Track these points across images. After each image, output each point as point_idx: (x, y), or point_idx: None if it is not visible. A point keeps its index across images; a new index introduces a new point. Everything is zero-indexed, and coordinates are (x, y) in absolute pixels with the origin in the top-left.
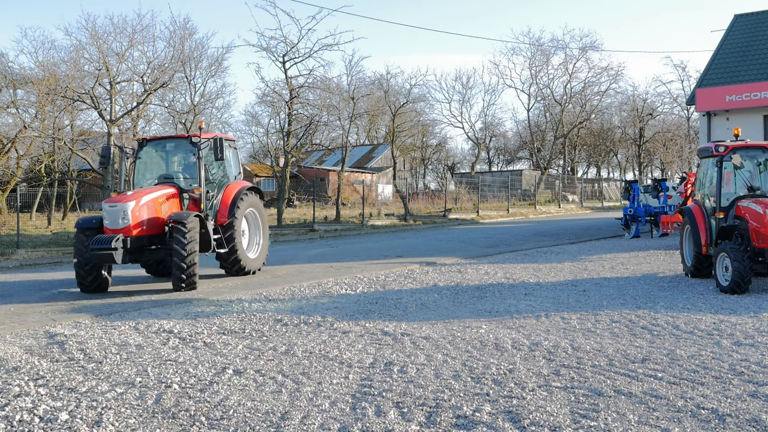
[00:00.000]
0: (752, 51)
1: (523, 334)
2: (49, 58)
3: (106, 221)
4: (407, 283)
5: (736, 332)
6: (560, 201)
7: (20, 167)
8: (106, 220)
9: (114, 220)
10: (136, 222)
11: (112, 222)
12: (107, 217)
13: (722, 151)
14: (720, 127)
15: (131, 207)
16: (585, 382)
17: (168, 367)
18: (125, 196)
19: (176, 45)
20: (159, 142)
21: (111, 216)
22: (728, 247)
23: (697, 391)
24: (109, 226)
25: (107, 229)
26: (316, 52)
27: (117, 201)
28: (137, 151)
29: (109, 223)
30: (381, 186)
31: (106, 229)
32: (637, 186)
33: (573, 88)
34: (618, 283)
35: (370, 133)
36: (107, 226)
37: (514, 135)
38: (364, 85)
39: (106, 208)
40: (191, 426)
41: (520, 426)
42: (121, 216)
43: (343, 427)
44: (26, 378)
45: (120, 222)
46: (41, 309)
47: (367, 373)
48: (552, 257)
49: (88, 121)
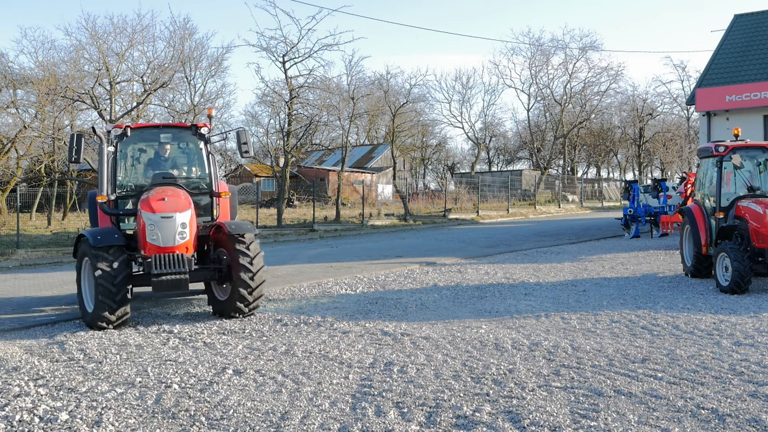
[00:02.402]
0: (752, 51)
1: (523, 334)
2: (49, 58)
3: (152, 236)
4: (407, 283)
5: (736, 332)
6: (560, 201)
7: (20, 167)
8: (151, 235)
9: (168, 234)
10: (192, 237)
11: (166, 237)
12: (158, 230)
13: (722, 151)
14: (720, 127)
15: (189, 217)
16: (585, 382)
17: (168, 367)
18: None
19: (176, 45)
20: (149, 131)
21: (165, 230)
22: (728, 247)
23: (697, 391)
24: (156, 243)
25: (154, 246)
26: (316, 52)
27: (171, 210)
28: (118, 142)
29: (160, 238)
30: (381, 186)
31: (152, 247)
32: (637, 186)
33: (573, 88)
34: (618, 283)
35: (370, 133)
36: (153, 242)
37: (514, 135)
38: (364, 85)
39: (156, 219)
40: (191, 426)
41: (520, 426)
42: (179, 230)
43: (343, 427)
44: (26, 378)
45: (177, 238)
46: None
47: (367, 373)
48: (552, 257)
49: (88, 121)
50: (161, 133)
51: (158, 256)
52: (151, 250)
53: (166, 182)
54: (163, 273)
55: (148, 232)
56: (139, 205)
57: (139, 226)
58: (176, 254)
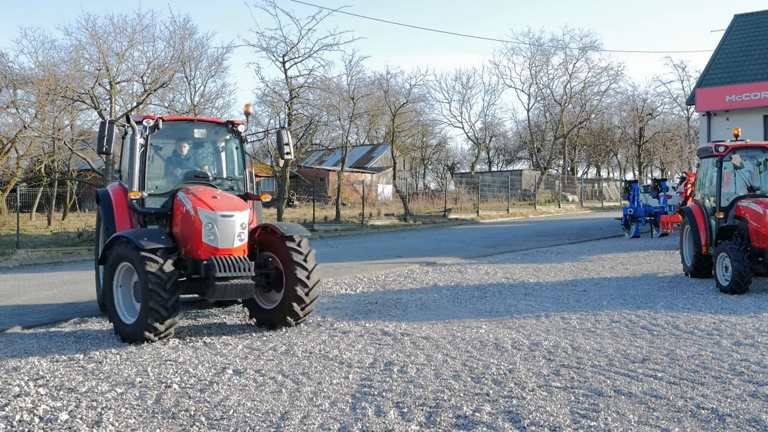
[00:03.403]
0: (752, 51)
1: (523, 334)
2: (49, 58)
3: (209, 236)
4: (407, 283)
5: (736, 332)
6: (560, 201)
7: (20, 167)
8: (208, 234)
9: (228, 235)
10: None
11: (225, 238)
12: (217, 230)
13: (722, 151)
14: (720, 127)
15: (248, 218)
16: (585, 382)
17: (168, 367)
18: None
19: (176, 45)
20: (181, 125)
21: (224, 229)
22: (728, 247)
23: (697, 391)
24: (213, 244)
25: (210, 248)
26: (316, 52)
27: (230, 208)
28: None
29: (218, 239)
30: (381, 186)
31: (208, 248)
32: (637, 186)
33: (573, 88)
34: (618, 283)
35: (370, 133)
36: (210, 243)
37: (514, 135)
38: (364, 85)
39: (215, 218)
40: (191, 426)
41: (520, 426)
42: (239, 230)
43: (343, 427)
44: (26, 378)
45: (236, 240)
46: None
47: (367, 373)
48: (552, 257)
49: (88, 121)
50: (195, 128)
51: (220, 258)
52: (206, 252)
53: (199, 182)
54: (227, 277)
55: (205, 231)
56: (189, 202)
57: (188, 226)
58: (239, 257)
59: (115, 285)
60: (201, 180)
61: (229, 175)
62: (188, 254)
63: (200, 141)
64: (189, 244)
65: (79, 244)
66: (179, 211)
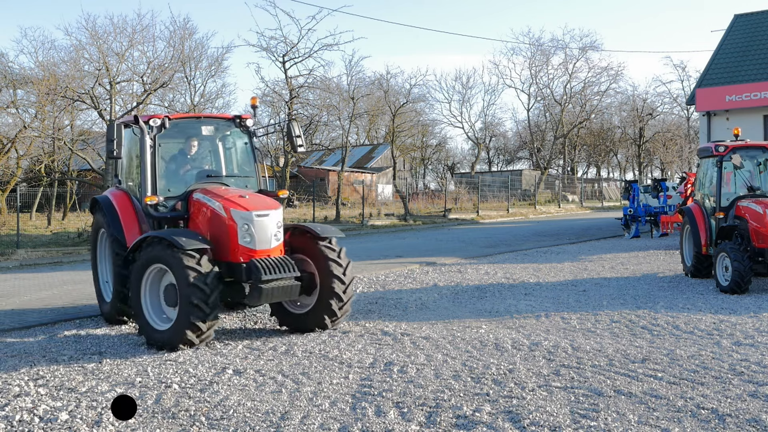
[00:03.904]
0: (752, 51)
1: (523, 334)
2: (49, 58)
3: (246, 238)
4: (407, 283)
5: (736, 332)
6: (560, 201)
7: (20, 167)
8: (245, 236)
9: (265, 235)
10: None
11: (262, 238)
12: (254, 230)
13: (722, 151)
14: (720, 127)
15: (281, 216)
16: (585, 382)
17: (168, 367)
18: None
19: (176, 45)
20: (188, 122)
21: (261, 229)
22: (728, 247)
23: (697, 391)
24: (250, 245)
25: (247, 249)
26: (316, 52)
27: (264, 207)
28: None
29: (256, 240)
30: (381, 186)
31: (245, 250)
32: (637, 186)
33: (573, 88)
34: (618, 283)
35: (370, 133)
36: (246, 244)
37: (514, 135)
38: (364, 85)
39: (251, 218)
40: (191, 426)
41: (520, 426)
42: (276, 230)
43: (343, 427)
44: (26, 378)
45: (273, 240)
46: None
47: (367, 373)
48: (552, 257)
49: (88, 121)
50: (202, 125)
51: (262, 260)
52: (243, 254)
53: (212, 181)
54: (273, 278)
55: (241, 232)
56: (216, 203)
57: (218, 228)
58: (281, 257)
59: (143, 289)
60: (214, 179)
61: (241, 171)
62: (219, 258)
63: (209, 138)
64: (220, 247)
65: (79, 244)
66: (201, 213)
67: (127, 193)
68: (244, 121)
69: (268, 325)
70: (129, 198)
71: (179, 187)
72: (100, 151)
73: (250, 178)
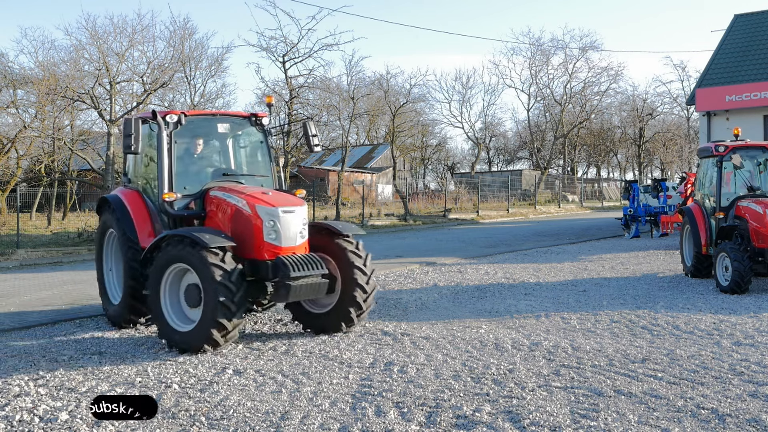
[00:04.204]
0: (752, 51)
1: (523, 334)
2: (49, 58)
3: (271, 235)
4: (407, 283)
5: (736, 332)
6: (560, 201)
7: (20, 167)
8: (270, 233)
9: (291, 232)
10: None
11: (288, 235)
12: (280, 227)
13: (722, 151)
14: (720, 127)
15: (307, 213)
16: (585, 382)
17: (168, 367)
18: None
19: (176, 45)
20: (204, 119)
21: (287, 226)
22: (728, 247)
23: (697, 391)
24: (276, 242)
25: (273, 247)
26: (316, 52)
27: (289, 203)
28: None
29: (282, 236)
30: (381, 186)
31: (270, 247)
32: (637, 186)
33: (573, 88)
34: (618, 283)
35: (370, 133)
36: (272, 241)
37: (514, 135)
38: (364, 85)
39: (277, 214)
40: (191, 426)
41: (520, 426)
42: (301, 227)
43: (343, 427)
44: (26, 378)
45: (298, 237)
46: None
47: (367, 373)
48: (552, 257)
49: (88, 121)
50: (218, 123)
51: (289, 257)
52: (268, 252)
53: (228, 179)
54: (301, 276)
55: (266, 229)
56: (239, 200)
57: (241, 225)
58: (308, 254)
59: (163, 290)
60: (230, 177)
61: (257, 170)
62: (241, 256)
63: (224, 136)
64: (243, 244)
65: (79, 244)
66: (220, 210)
67: (139, 192)
68: (260, 120)
69: (267, 325)
70: (141, 197)
71: (194, 186)
72: (100, 151)
73: (266, 177)
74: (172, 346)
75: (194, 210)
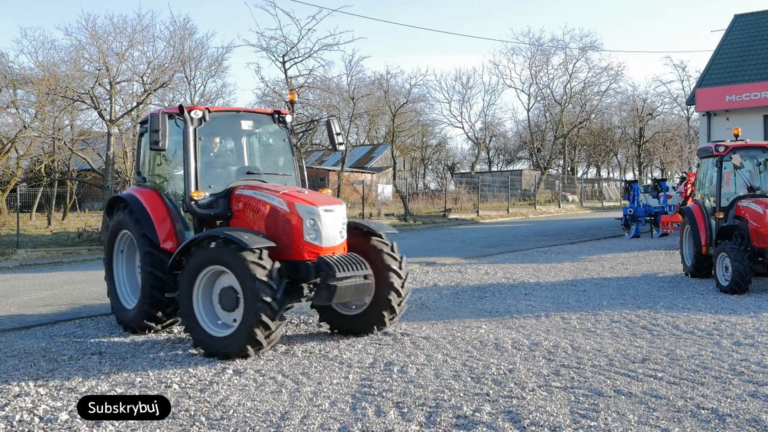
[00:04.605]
0: (752, 51)
1: (523, 334)
2: (49, 58)
3: (311, 234)
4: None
5: (736, 332)
6: (560, 201)
7: (20, 167)
8: (310, 232)
9: (333, 231)
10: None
11: (329, 235)
12: (321, 226)
13: (722, 151)
14: (720, 127)
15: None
16: (585, 382)
17: (168, 367)
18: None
19: (176, 45)
20: (227, 116)
21: (328, 226)
22: (728, 247)
23: (697, 391)
24: (317, 242)
25: (313, 247)
26: (316, 52)
27: (329, 202)
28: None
29: (322, 236)
30: (381, 186)
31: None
32: (637, 186)
33: (573, 88)
34: (618, 283)
35: (370, 133)
36: (312, 241)
37: (514, 135)
38: (364, 85)
39: (319, 213)
40: (191, 426)
41: (520, 426)
42: (341, 226)
43: (343, 427)
44: (26, 378)
45: (338, 237)
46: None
47: (367, 373)
48: (552, 257)
49: (88, 121)
50: (242, 120)
51: (333, 257)
52: (309, 252)
53: (253, 178)
54: (347, 276)
55: (307, 229)
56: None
57: (279, 225)
58: (351, 254)
59: (195, 294)
60: (254, 176)
61: (280, 169)
62: (277, 256)
63: (247, 133)
64: (279, 244)
65: (79, 244)
66: (250, 209)
67: (156, 191)
68: (283, 117)
69: None
70: (159, 196)
71: (219, 184)
72: (100, 151)
73: (289, 176)
74: (209, 353)
75: (219, 210)
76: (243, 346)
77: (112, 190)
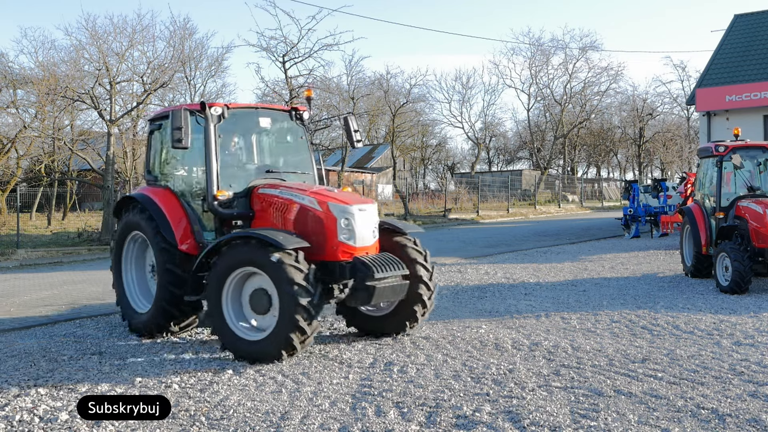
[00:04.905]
0: (752, 51)
1: (523, 334)
2: (49, 58)
3: (345, 234)
4: None
5: (736, 332)
6: (560, 201)
7: (20, 167)
8: (344, 232)
9: (366, 231)
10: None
11: (363, 234)
12: (355, 226)
13: (722, 151)
14: (720, 127)
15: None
16: (585, 382)
17: (168, 367)
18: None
19: (176, 45)
20: (245, 113)
21: (362, 225)
22: (728, 247)
23: (697, 391)
24: (351, 242)
25: (347, 247)
26: (316, 52)
27: (362, 201)
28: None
29: (356, 236)
30: (381, 186)
31: (345, 247)
32: (637, 186)
33: (573, 88)
34: (618, 283)
35: (370, 133)
36: (346, 241)
37: (514, 135)
38: (364, 85)
39: (354, 212)
40: (191, 426)
41: (520, 426)
42: (374, 226)
43: (343, 427)
44: (26, 378)
45: (371, 237)
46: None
47: (367, 373)
48: (552, 257)
49: (88, 121)
50: (260, 117)
51: (370, 258)
52: (342, 252)
53: (273, 177)
54: (385, 277)
55: (341, 228)
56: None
57: (310, 225)
58: (387, 254)
59: (225, 297)
60: (274, 174)
61: (298, 167)
62: (311, 257)
63: (265, 131)
64: (312, 245)
65: (79, 244)
66: (276, 209)
67: (170, 190)
68: (301, 114)
69: None
70: (173, 195)
71: (239, 183)
72: (100, 151)
73: (307, 174)
74: (239, 357)
75: (240, 209)
76: (278, 350)
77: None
